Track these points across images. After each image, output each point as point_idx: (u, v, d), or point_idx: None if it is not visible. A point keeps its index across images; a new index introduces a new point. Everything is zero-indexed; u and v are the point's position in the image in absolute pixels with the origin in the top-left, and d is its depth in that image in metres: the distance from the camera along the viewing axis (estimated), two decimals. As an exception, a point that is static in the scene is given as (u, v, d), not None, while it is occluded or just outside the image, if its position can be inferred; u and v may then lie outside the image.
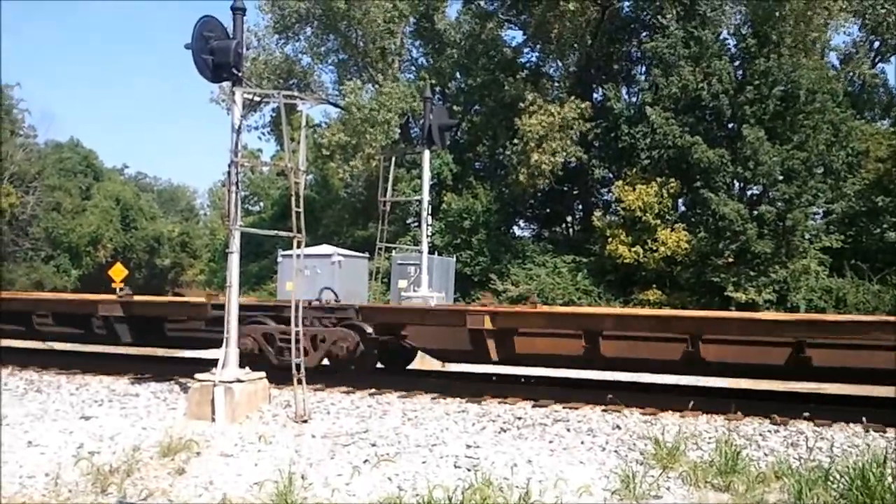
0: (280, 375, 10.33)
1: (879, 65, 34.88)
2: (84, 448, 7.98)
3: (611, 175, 33.52)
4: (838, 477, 6.35)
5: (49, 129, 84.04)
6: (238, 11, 9.78)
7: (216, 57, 9.55)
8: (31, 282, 48.51)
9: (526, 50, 36.00)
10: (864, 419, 8.54)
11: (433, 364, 13.70)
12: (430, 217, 17.48)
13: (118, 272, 31.04)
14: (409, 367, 13.28)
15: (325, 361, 11.39)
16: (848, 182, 28.83)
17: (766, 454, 7.61)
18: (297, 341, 9.66)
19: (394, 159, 18.69)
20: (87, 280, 51.28)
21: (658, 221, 28.66)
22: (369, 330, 11.22)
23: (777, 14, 27.67)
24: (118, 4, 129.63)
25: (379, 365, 12.37)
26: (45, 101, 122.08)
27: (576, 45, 34.04)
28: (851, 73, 33.31)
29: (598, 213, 31.30)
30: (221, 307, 10.26)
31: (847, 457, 7.27)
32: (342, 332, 11.13)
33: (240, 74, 9.73)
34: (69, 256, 54.52)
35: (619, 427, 8.80)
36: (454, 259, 26.57)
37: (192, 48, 9.53)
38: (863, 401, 9.69)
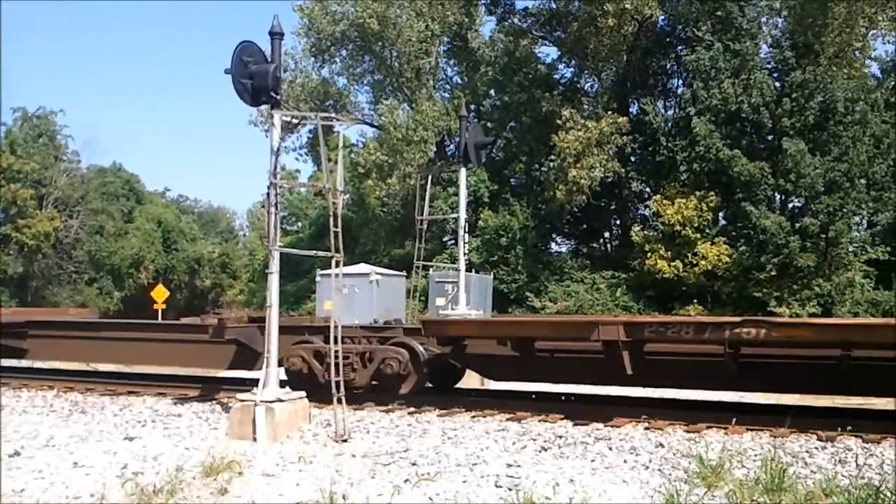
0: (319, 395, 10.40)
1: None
2: (128, 469, 8.06)
3: (648, 189, 33.29)
4: (889, 495, 6.20)
5: (92, 154, 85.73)
6: (276, 36, 9.93)
7: (255, 81, 9.68)
8: (75, 304, 49.36)
9: (561, 66, 36.06)
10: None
11: (472, 382, 13.66)
12: (467, 234, 17.50)
13: (160, 293, 31.51)
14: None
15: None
16: (892, 193, 28.30)
17: (813, 471, 7.45)
18: (338, 360, 9.71)
19: (430, 177, 18.74)
20: (129, 302, 52.06)
21: (698, 235, 28.37)
22: None
23: (820, 23, 27.34)
24: (156, 29, 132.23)
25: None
26: (88, 127, 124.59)
27: (612, 60, 33.97)
28: (895, 82, 32.77)
29: (636, 228, 31.07)
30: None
31: (898, 474, 7.10)
32: None
33: (278, 97, 9.85)
34: (112, 278, 55.42)
35: (662, 445, 8.68)
36: (492, 276, 26.55)
37: (232, 73, 9.67)
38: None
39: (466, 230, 17.25)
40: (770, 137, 28.66)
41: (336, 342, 9.77)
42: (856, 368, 9.17)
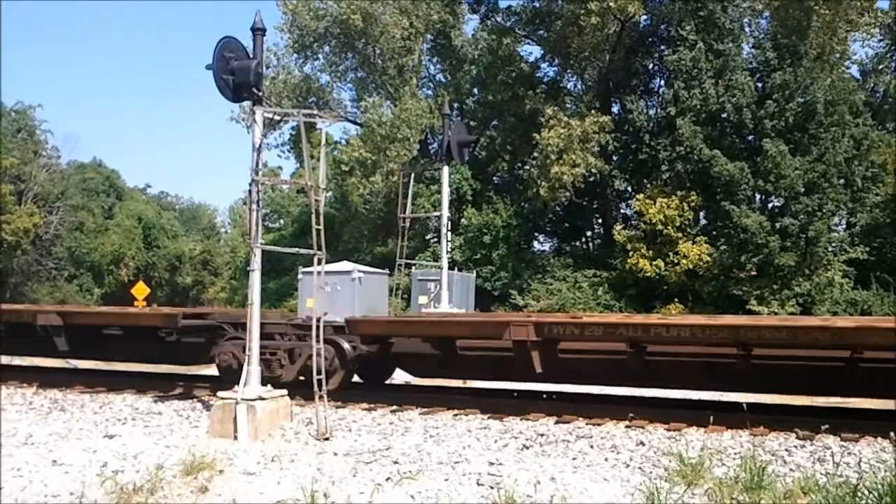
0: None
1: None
2: (108, 467, 8.01)
3: (630, 189, 33.41)
4: (867, 493, 6.25)
5: (72, 150, 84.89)
6: (258, 32, 9.88)
7: (237, 77, 9.63)
8: (54, 300, 48.95)
9: (544, 65, 36.13)
10: (892, 434, 8.41)
11: (454, 381, 13.67)
12: (449, 233, 17.52)
13: (140, 291, 31.30)
14: (430, 383, 13.28)
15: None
16: (870, 194, 28.58)
17: (792, 470, 7.51)
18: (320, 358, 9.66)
19: (413, 175, 18.73)
20: (109, 299, 51.68)
21: (679, 235, 28.50)
22: None
23: (803, 26, 27.54)
24: (139, 26, 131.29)
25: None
26: (68, 122, 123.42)
27: (594, 60, 34.08)
28: (874, 84, 33.09)
29: (618, 227, 31.18)
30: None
31: (875, 472, 7.15)
32: None
33: (260, 94, 9.80)
34: (92, 275, 55.01)
35: (642, 443, 8.72)
36: (474, 274, 26.58)
37: (213, 69, 9.62)
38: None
39: (449, 228, 17.28)
40: (751, 138, 28.84)
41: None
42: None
